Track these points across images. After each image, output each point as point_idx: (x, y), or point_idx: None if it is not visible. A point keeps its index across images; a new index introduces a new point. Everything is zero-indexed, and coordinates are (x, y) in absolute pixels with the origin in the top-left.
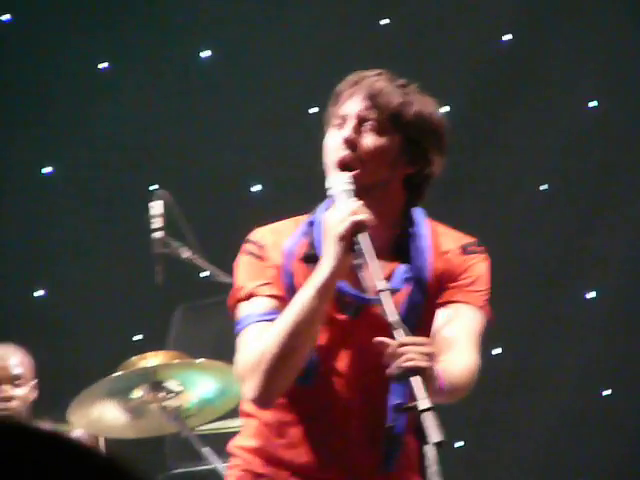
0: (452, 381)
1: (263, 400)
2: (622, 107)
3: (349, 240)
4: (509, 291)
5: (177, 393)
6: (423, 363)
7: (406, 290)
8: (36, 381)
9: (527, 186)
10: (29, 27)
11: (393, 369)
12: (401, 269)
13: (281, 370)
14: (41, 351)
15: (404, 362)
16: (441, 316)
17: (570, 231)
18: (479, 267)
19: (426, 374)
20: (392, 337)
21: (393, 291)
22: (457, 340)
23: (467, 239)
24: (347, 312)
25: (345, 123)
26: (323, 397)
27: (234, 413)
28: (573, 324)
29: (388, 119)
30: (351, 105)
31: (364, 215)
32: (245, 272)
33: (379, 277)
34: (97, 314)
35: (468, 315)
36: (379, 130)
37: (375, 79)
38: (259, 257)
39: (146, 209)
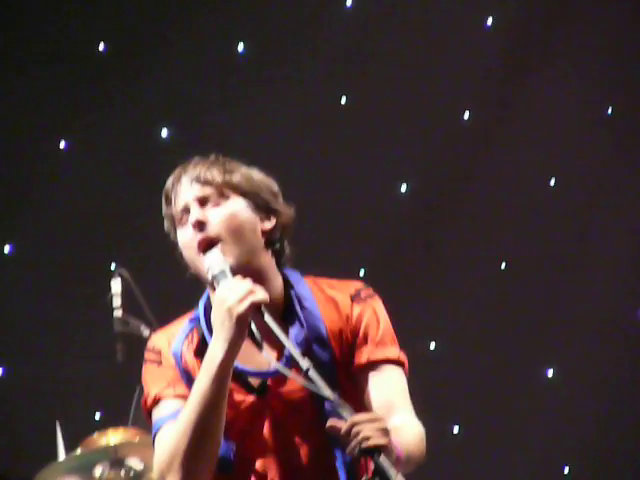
0: (409, 449)
1: None
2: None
3: (247, 321)
4: (468, 369)
5: (138, 471)
6: (382, 440)
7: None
8: None
9: (486, 262)
10: None
11: (351, 449)
12: (293, 336)
13: (194, 464)
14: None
15: (362, 441)
16: (365, 380)
17: (528, 310)
18: (377, 314)
19: (386, 450)
20: (309, 409)
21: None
22: (394, 405)
23: (355, 286)
24: (253, 392)
25: (187, 215)
26: None
27: None
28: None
29: (221, 188)
30: (183, 195)
31: (262, 294)
32: (149, 380)
33: (299, 356)
34: (58, 391)
35: (393, 377)
36: (219, 202)
37: (189, 166)
38: (158, 362)
39: (106, 287)
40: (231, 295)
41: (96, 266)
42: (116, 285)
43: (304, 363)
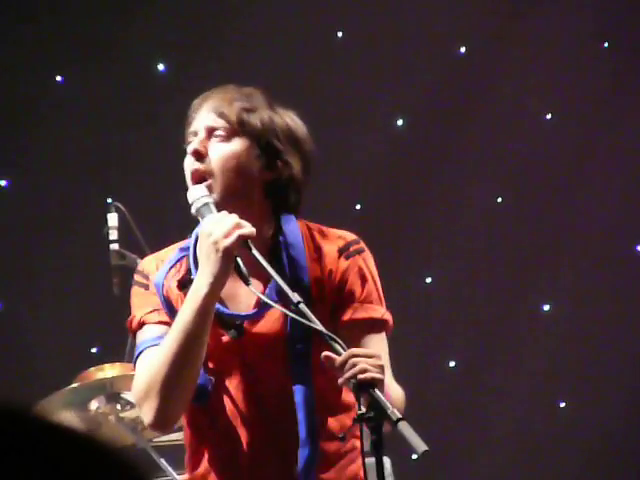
0: (394, 398)
1: (159, 423)
2: (576, 120)
3: (233, 255)
4: (464, 305)
5: (134, 405)
6: (378, 375)
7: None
8: None
9: (483, 196)
10: None
11: (345, 380)
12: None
13: (171, 392)
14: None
15: (359, 373)
16: (348, 339)
17: (524, 245)
18: (365, 269)
19: (381, 386)
20: (281, 353)
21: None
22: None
23: (345, 239)
24: (229, 332)
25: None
26: (221, 417)
27: None
28: (529, 337)
29: (234, 126)
30: (198, 120)
31: (250, 228)
32: (135, 302)
33: (289, 290)
34: (54, 326)
35: (375, 339)
36: (226, 138)
37: (219, 92)
38: (145, 286)
39: (102, 221)
40: (217, 228)
41: (92, 200)
42: (112, 218)
43: (294, 297)
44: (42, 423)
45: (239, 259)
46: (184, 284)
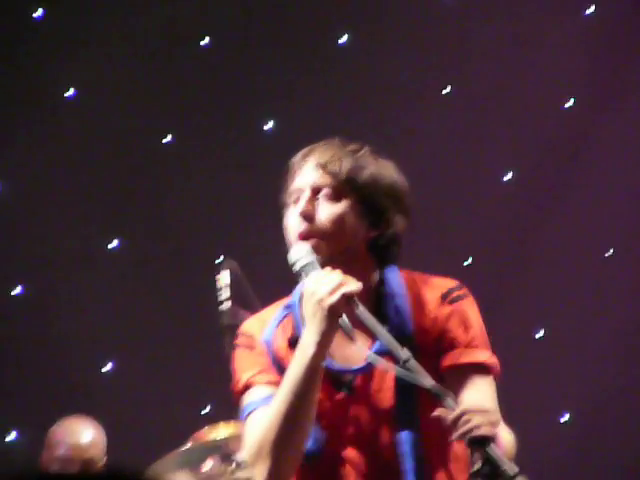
0: (506, 445)
1: None
2: None
3: (339, 313)
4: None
5: (247, 465)
6: (492, 431)
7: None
8: (105, 460)
9: (591, 251)
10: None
11: (460, 436)
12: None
13: (282, 453)
14: (111, 423)
15: (473, 429)
16: (454, 385)
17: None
18: (468, 315)
19: (495, 442)
20: (391, 403)
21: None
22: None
23: (447, 285)
24: (342, 389)
25: (300, 197)
26: (334, 473)
27: None
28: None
29: (342, 185)
30: (303, 177)
31: (354, 285)
32: (240, 364)
33: (396, 347)
34: (167, 385)
35: (482, 382)
36: (334, 197)
37: (324, 147)
38: (249, 347)
39: (214, 281)
40: (322, 287)
41: (203, 259)
42: (224, 277)
43: (403, 353)
44: None
45: (345, 316)
46: (293, 342)
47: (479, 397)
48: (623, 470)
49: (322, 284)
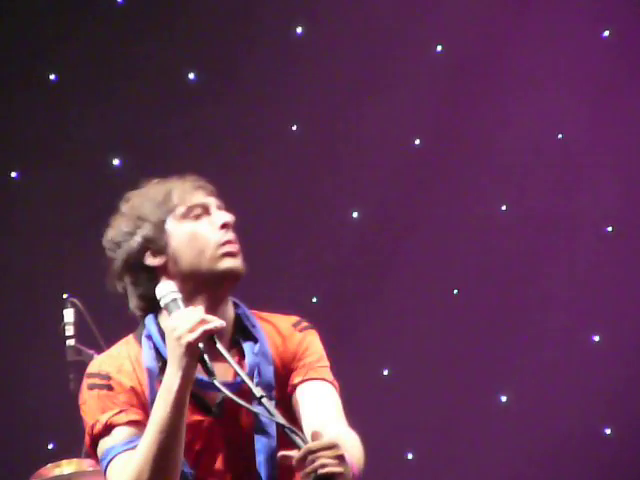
0: (359, 465)
1: None
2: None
3: (197, 349)
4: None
5: None
6: (338, 468)
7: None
8: None
9: (439, 288)
10: None
11: (306, 476)
12: (250, 351)
13: None
14: None
15: (319, 469)
16: (305, 397)
17: (483, 331)
18: (316, 342)
19: (342, 478)
20: (261, 434)
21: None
22: (332, 419)
23: (294, 318)
24: (210, 414)
25: (209, 210)
26: None
27: None
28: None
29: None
30: (201, 197)
31: (216, 322)
32: (96, 406)
33: (254, 385)
34: (10, 422)
35: (328, 392)
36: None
37: (200, 180)
38: (106, 387)
39: (59, 317)
40: (181, 324)
41: (46, 295)
42: (68, 314)
43: (257, 391)
44: None
45: (205, 355)
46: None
47: (326, 405)
48: None
49: (182, 321)
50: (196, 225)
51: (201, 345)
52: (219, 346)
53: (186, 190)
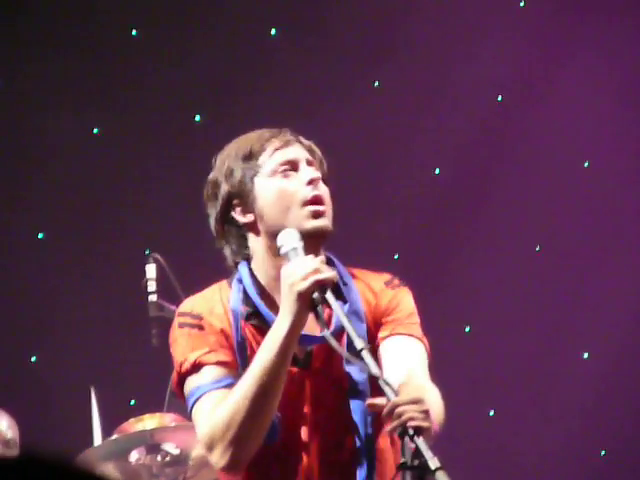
0: (439, 421)
1: (234, 466)
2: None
3: (309, 298)
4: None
5: (175, 456)
6: (425, 423)
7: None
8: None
9: (520, 245)
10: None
11: (393, 429)
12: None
13: (251, 434)
14: (37, 415)
15: (406, 422)
16: (390, 350)
17: (562, 292)
18: (407, 299)
19: (427, 433)
20: (345, 385)
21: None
22: (416, 375)
23: (386, 275)
24: (297, 364)
25: (297, 167)
26: (289, 454)
27: None
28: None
29: (323, 169)
30: (296, 151)
31: (328, 273)
32: (185, 344)
33: (357, 336)
34: (92, 377)
35: (416, 349)
36: (323, 180)
37: (289, 132)
38: (197, 327)
39: (141, 273)
40: (296, 272)
41: (130, 252)
42: (150, 270)
43: (359, 343)
44: (86, 475)
45: (319, 306)
46: (249, 316)
47: (411, 360)
48: None
49: (297, 269)
50: (283, 182)
51: (316, 295)
52: (329, 296)
53: (275, 145)
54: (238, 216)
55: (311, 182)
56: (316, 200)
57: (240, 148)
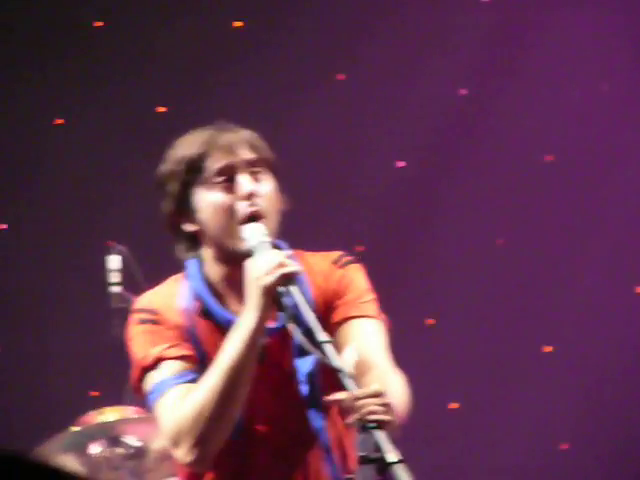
0: (403, 408)
1: (201, 461)
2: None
3: (274, 292)
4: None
5: (136, 448)
6: (386, 416)
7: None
8: None
9: (483, 238)
10: None
11: (354, 422)
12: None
13: (219, 428)
14: None
15: (366, 415)
16: (344, 335)
17: (526, 283)
18: (358, 277)
19: (389, 425)
20: (298, 378)
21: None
22: (376, 360)
23: (334, 254)
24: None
25: (235, 174)
26: (248, 449)
27: None
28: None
29: (269, 164)
30: (234, 155)
31: (293, 267)
32: (145, 340)
33: (318, 329)
34: (53, 369)
35: (372, 329)
36: (265, 175)
37: (233, 127)
38: (155, 322)
39: (103, 264)
40: (261, 266)
41: (93, 242)
42: (113, 261)
43: (321, 336)
44: (43, 467)
45: (283, 299)
46: (203, 312)
47: (370, 344)
48: None
49: (262, 264)
50: (218, 197)
51: (281, 289)
52: (293, 290)
53: (214, 150)
54: (184, 225)
55: (249, 197)
56: (253, 217)
57: (182, 152)
